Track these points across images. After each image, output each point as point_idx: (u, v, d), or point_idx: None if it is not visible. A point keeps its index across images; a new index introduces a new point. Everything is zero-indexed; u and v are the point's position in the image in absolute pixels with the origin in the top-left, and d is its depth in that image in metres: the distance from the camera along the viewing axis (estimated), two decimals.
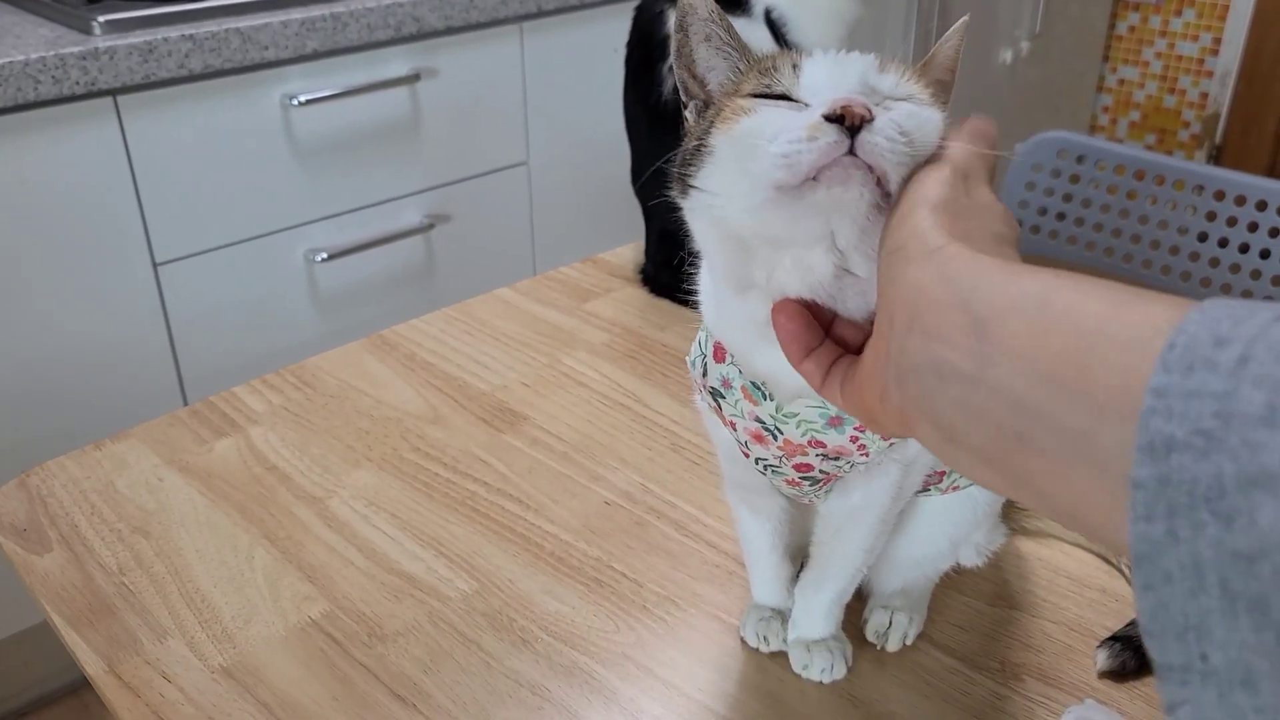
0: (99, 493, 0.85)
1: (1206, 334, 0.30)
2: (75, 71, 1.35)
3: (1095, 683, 0.67)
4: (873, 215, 0.44)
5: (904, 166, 0.44)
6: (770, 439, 0.58)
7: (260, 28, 1.49)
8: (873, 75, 0.47)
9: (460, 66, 1.75)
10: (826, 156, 0.43)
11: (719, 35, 0.51)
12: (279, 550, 0.79)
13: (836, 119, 0.43)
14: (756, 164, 0.45)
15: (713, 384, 0.59)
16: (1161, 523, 0.29)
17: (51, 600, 0.74)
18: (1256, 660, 0.28)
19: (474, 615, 0.73)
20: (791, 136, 0.43)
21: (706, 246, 0.53)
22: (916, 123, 0.45)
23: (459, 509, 0.83)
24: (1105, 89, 3.28)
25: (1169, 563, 0.29)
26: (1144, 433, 0.30)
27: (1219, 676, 0.28)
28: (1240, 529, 0.27)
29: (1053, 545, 0.79)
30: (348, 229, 1.71)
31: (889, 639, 0.70)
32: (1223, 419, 0.28)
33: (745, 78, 0.50)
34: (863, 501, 0.62)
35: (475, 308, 1.14)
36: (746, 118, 0.47)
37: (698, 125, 0.51)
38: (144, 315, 1.53)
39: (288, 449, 0.91)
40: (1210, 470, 0.28)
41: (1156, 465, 0.29)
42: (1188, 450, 0.29)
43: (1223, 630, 0.28)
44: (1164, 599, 0.29)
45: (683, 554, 0.79)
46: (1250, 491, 0.27)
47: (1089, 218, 1.51)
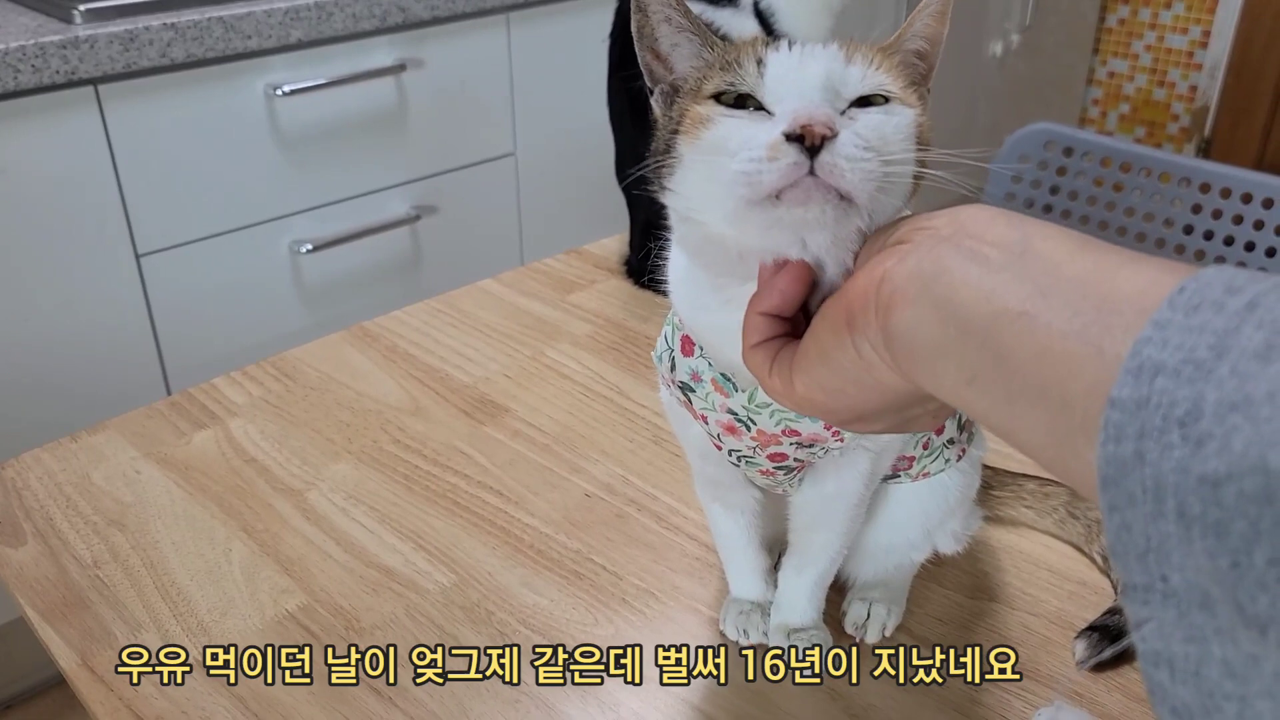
0: (74, 485, 0.84)
1: (1219, 283, 0.30)
2: (56, 60, 1.34)
3: (1074, 674, 0.67)
4: (842, 223, 0.44)
5: (870, 179, 0.43)
6: (743, 430, 0.57)
7: (243, 17, 1.48)
8: (838, 71, 0.46)
9: (446, 57, 1.74)
10: (786, 178, 0.43)
11: (677, 17, 0.50)
12: (257, 543, 0.79)
13: (797, 138, 0.43)
14: (719, 181, 0.45)
15: (681, 378, 0.59)
16: (1130, 444, 0.29)
17: (25, 594, 0.74)
18: (1210, 585, 0.28)
19: (452, 608, 0.73)
20: (752, 155, 0.43)
21: (687, 241, 0.53)
22: (881, 133, 0.45)
23: (439, 502, 0.83)
24: (1095, 82, 3.28)
25: (1133, 485, 0.29)
26: (1133, 357, 0.30)
27: (1179, 598, 0.29)
28: (1210, 453, 0.28)
29: (1033, 538, 0.79)
30: (333, 220, 1.70)
31: (868, 630, 0.69)
32: (1217, 351, 0.29)
33: (708, 74, 0.49)
34: (836, 490, 0.62)
35: (458, 299, 1.13)
36: (709, 130, 0.46)
37: (665, 121, 0.51)
38: (127, 307, 1.52)
39: (267, 441, 0.90)
40: (1191, 394, 0.28)
41: (1138, 387, 0.30)
42: (1174, 376, 0.29)
43: (1179, 554, 0.29)
44: (1127, 520, 0.30)
45: (663, 546, 0.78)
46: (1228, 415, 0.27)
47: (1075, 210, 1.51)
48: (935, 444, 0.66)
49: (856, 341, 0.41)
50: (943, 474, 0.67)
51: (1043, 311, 0.34)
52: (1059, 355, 0.33)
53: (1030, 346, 0.34)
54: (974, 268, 0.37)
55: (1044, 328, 0.34)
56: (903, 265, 0.39)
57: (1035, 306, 0.35)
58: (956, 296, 0.37)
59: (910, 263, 0.39)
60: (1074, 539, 0.78)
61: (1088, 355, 0.32)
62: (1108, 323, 0.32)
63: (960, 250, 0.38)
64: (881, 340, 0.40)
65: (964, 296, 0.37)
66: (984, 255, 0.37)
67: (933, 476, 0.67)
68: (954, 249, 0.38)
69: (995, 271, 0.36)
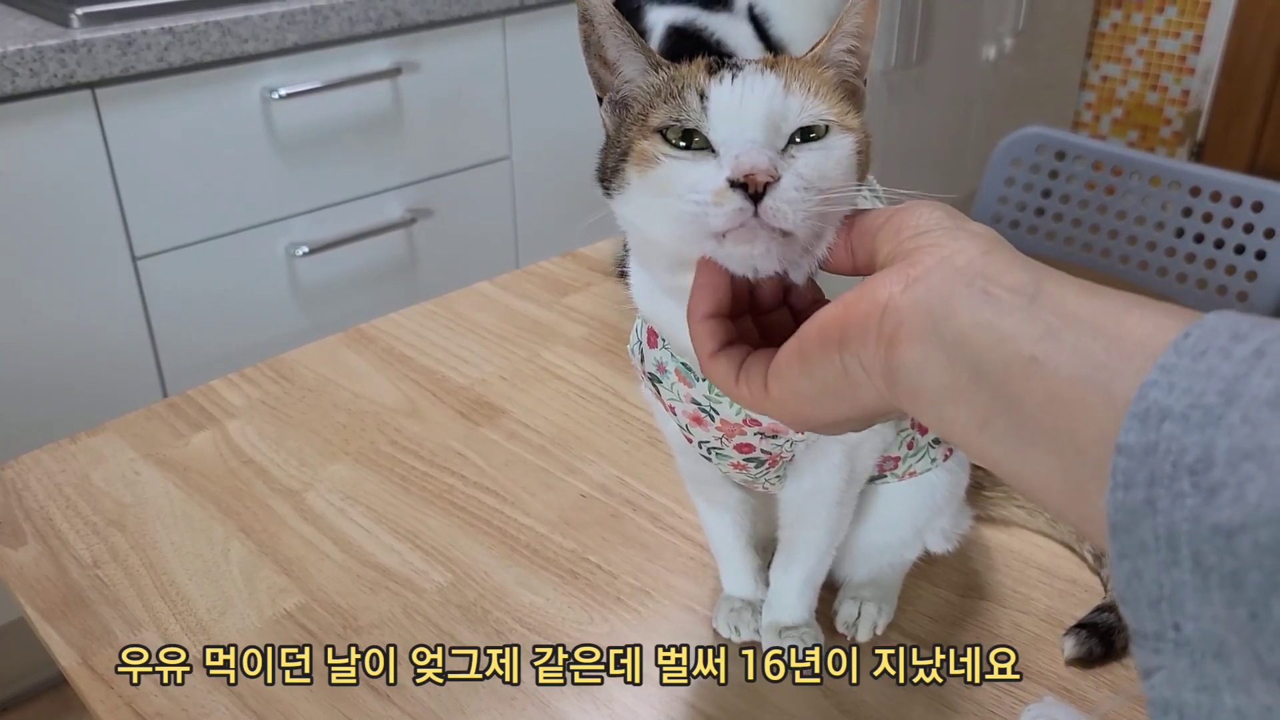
0: (74, 486, 0.85)
1: (1225, 330, 0.30)
2: (53, 64, 1.35)
3: (1064, 672, 0.68)
4: (786, 250, 0.46)
5: (810, 216, 0.45)
6: (708, 420, 0.59)
7: (240, 21, 1.49)
8: (778, 105, 0.48)
9: (442, 60, 1.75)
10: (732, 222, 0.45)
11: (620, 31, 0.52)
12: (255, 543, 0.79)
13: (740, 185, 0.45)
14: (668, 214, 0.47)
15: (649, 369, 0.60)
16: (1141, 491, 0.29)
17: (26, 593, 0.74)
18: (1228, 635, 0.28)
19: (449, 607, 0.73)
20: (699, 198, 0.45)
21: (631, 242, 0.55)
22: (821, 171, 0.47)
23: (436, 502, 0.84)
24: (1088, 85, 3.29)
25: (1144, 532, 0.29)
26: (1140, 401, 0.30)
27: (1191, 647, 0.29)
28: (1224, 503, 0.27)
29: (1023, 537, 0.80)
30: (329, 223, 1.71)
31: (859, 629, 0.70)
32: (1226, 398, 0.28)
33: (654, 103, 0.50)
34: (815, 486, 0.63)
35: (454, 301, 1.14)
36: (655, 169, 0.48)
37: (614, 140, 0.52)
38: (124, 309, 1.53)
39: (265, 442, 0.91)
40: (1201, 441, 0.28)
41: (1145, 433, 0.29)
42: (1182, 422, 0.29)
43: (1195, 603, 0.28)
44: (1138, 568, 0.29)
45: (657, 546, 0.79)
46: (1241, 464, 0.27)
47: (1068, 213, 1.52)
48: (920, 444, 0.67)
49: (846, 360, 0.41)
50: (930, 473, 0.68)
51: (1053, 355, 0.34)
52: (1069, 401, 0.33)
53: (1041, 391, 0.34)
54: (986, 310, 0.36)
55: (1053, 372, 0.34)
56: (909, 294, 0.39)
57: (1045, 350, 0.34)
58: (968, 340, 0.36)
59: (918, 293, 0.38)
60: (1064, 538, 0.79)
61: (1097, 400, 0.32)
62: (1117, 367, 0.32)
63: (972, 290, 0.37)
64: (881, 371, 0.40)
65: (975, 340, 0.36)
66: (996, 297, 0.36)
67: (920, 475, 0.68)
68: (965, 286, 0.37)
69: (1006, 314, 0.36)
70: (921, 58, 2.61)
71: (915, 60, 2.59)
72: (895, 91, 2.60)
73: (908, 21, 2.51)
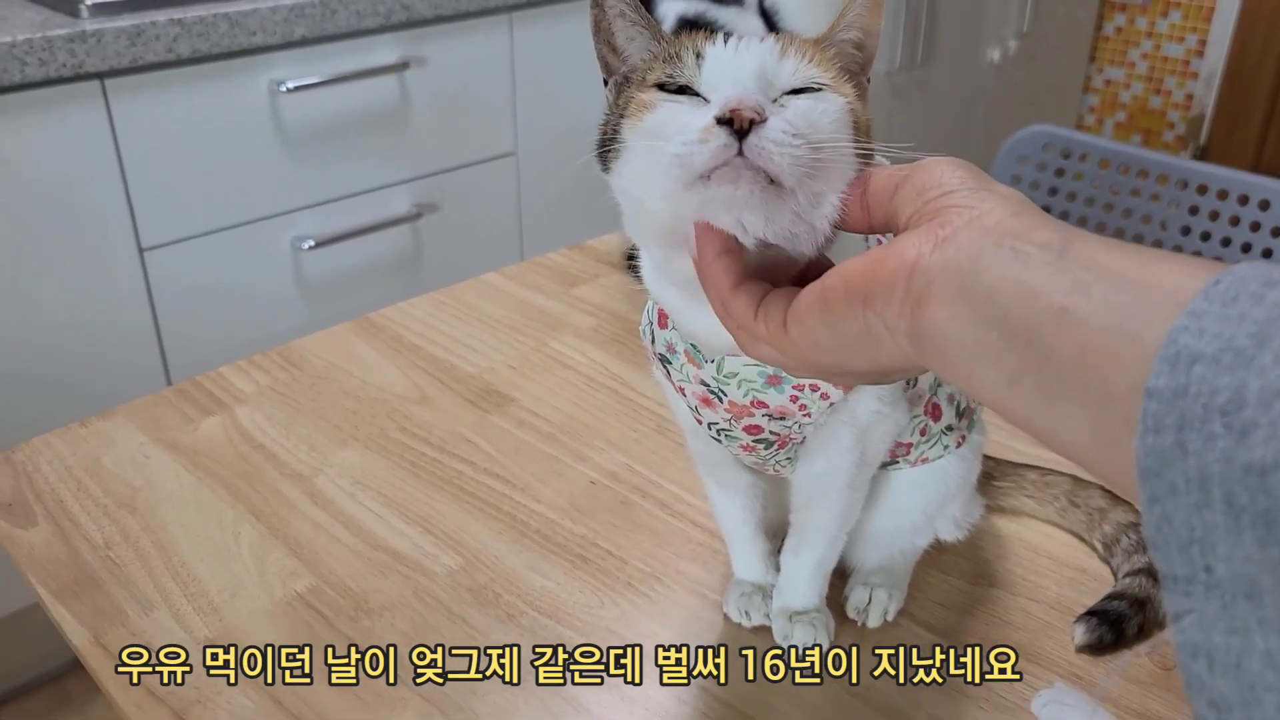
0: (85, 469, 0.85)
1: (1256, 277, 0.30)
2: (63, 54, 1.35)
3: (1074, 659, 0.68)
4: (773, 205, 0.46)
5: (798, 164, 0.45)
6: (716, 401, 0.59)
7: (249, 13, 1.49)
8: (771, 64, 0.49)
9: (449, 55, 1.75)
10: (717, 159, 0.45)
11: (630, 13, 0.53)
12: (265, 526, 0.79)
13: (726, 121, 0.45)
14: (657, 163, 0.47)
15: (659, 350, 0.61)
16: (1170, 434, 0.29)
17: (37, 573, 0.74)
18: (1260, 574, 0.28)
19: (459, 590, 0.73)
20: (686, 138, 0.46)
21: (632, 223, 0.55)
22: (810, 119, 0.47)
23: (446, 488, 0.84)
24: (1092, 89, 3.30)
25: (1175, 475, 0.29)
26: (1169, 345, 0.30)
27: (1222, 589, 0.29)
28: (1256, 442, 0.27)
29: (1033, 526, 0.80)
30: (335, 217, 1.71)
31: (869, 615, 0.70)
32: (1259, 340, 0.28)
33: (653, 65, 0.52)
34: (826, 469, 0.63)
35: (462, 292, 1.14)
36: (649, 114, 0.49)
37: (613, 108, 0.53)
38: (130, 301, 1.53)
39: (274, 428, 0.91)
40: (1233, 383, 0.28)
41: (1175, 376, 0.29)
42: (1213, 364, 0.29)
43: (1227, 544, 0.28)
44: (1169, 512, 0.29)
45: (667, 532, 0.79)
46: (1274, 403, 0.27)
47: (1074, 211, 1.52)
48: (933, 430, 0.67)
49: (869, 318, 0.41)
50: (942, 459, 0.68)
51: (1082, 306, 0.34)
52: (1099, 350, 0.33)
53: (1071, 343, 0.34)
54: (1014, 266, 0.36)
55: (1083, 323, 0.34)
56: (939, 254, 0.39)
57: (1075, 302, 0.34)
58: (998, 297, 0.36)
59: (947, 253, 0.38)
60: (1075, 527, 0.79)
61: (1127, 348, 0.32)
62: (1146, 316, 0.32)
63: (1000, 249, 0.37)
64: (906, 331, 0.40)
65: (1005, 296, 0.36)
66: (1025, 253, 0.36)
67: (932, 462, 0.68)
68: (994, 246, 0.37)
69: (1035, 269, 0.36)
70: (926, 60, 2.61)
71: (919, 62, 2.59)
72: (899, 93, 2.60)
73: (912, 23, 2.52)
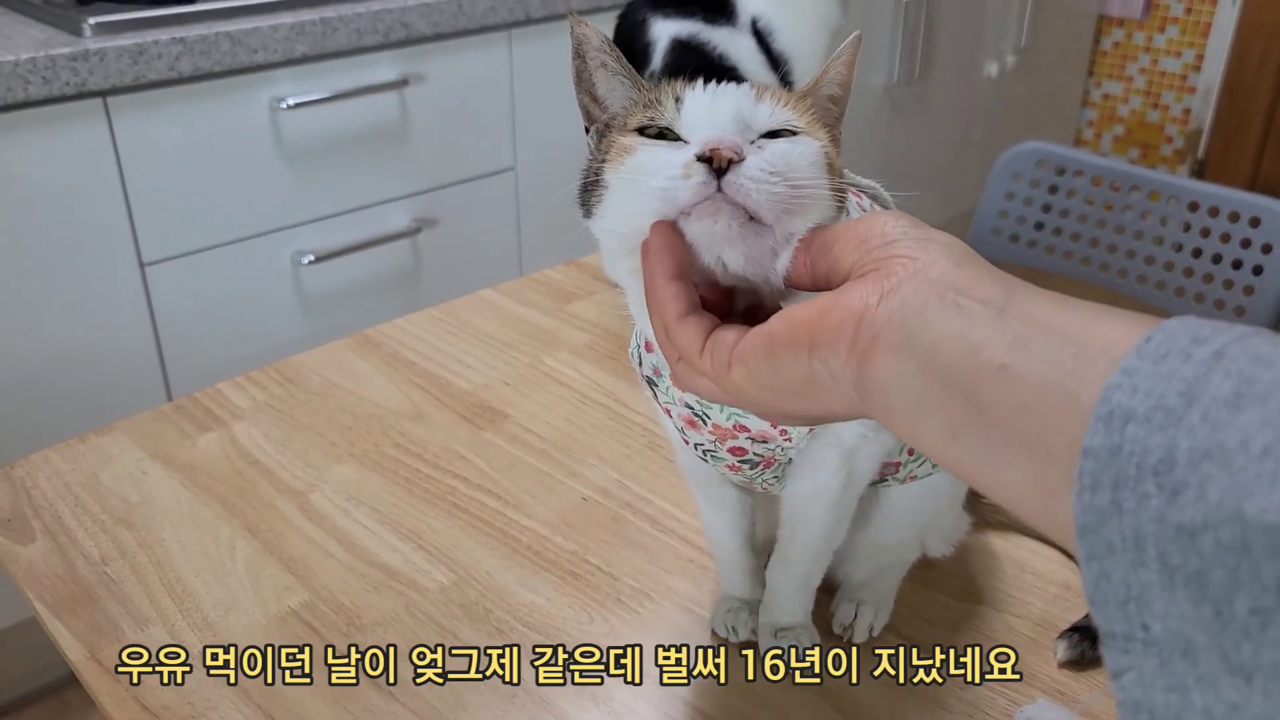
0: (83, 485, 0.86)
1: (1185, 334, 0.31)
2: (65, 73, 1.36)
3: (1057, 674, 0.69)
4: (752, 241, 0.47)
5: (779, 200, 0.46)
6: (701, 423, 0.60)
7: (250, 31, 1.51)
8: (748, 108, 0.51)
9: (448, 72, 1.76)
10: (697, 195, 0.46)
11: (612, 63, 0.55)
12: (260, 542, 0.80)
13: (706, 160, 0.46)
14: (640, 198, 0.49)
15: (646, 373, 0.62)
16: (1106, 493, 0.30)
17: (34, 588, 0.75)
18: (1195, 633, 0.28)
19: (451, 606, 0.74)
20: (669, 174, 0.47)
21: (611, 258, 0.56)
22: (788, 160, 0.48)
23: (439, 504, 0.85)
24: (1090, 103, 3.31)
25: (1111, 534, 0.30)
26: (1104, 403, 0.31)
27: (1159, 646, 0.29)
28: (1186, 502, 0.28)
29: (1019, 542, 0.81)
30: (335, 232, 1.72)
31: (855, 630, 0.71)
32: (1187, 398, 0.29)
33: (633, 111, 0.53)
34: (813, 489, 0.64)
35: (458, 308, 1.15)
36: (630, 157, 0.50)
37: (595, 154, 0.54)
38: (131, 316, 1.54)
39: (271, 444, 0.92)
40: (1163, 442, 0.29)
41: (1110, 435, 0.30)
42: (1145, 423, 0.29)
43: (1162, 603, 0.29)
44: (1106, 569, 0.30)
45: (656, 548, 0.80)
46: (1201, 464, 0.28)
47: (1067, 227, 1.53)
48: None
49: (814, 365, 0.41)
50: (932, 476, 0.69)
51: (1022, 363, 0.34)
52: (1038, 407, 0.33)
53: (1011, 399, 0.34)
54: (958, 320, 0.37)
55: (1022, 379, 0.34)
56: (884, 306, 0.39)
57: (1015, 358, 0.35)
58: (940, 351, 0.37)
59: (893, 305, 0.39)
60: (1060, 543, 0.80)
61: (1065, 405, 0.33)
62: (1084, 372, 0.33)
63: (944, 302, 0.38)
64: (853, 381, 0.40)
65: (947, 351, 0.37)
66: (967, 308, 0.37)
67: (921, 479, 0.69)
68: (938, 299, 0.38)
69: (977, 324, 0.37)
70: (924, 74, 2.63)
71: (917, 76, 2.61)
72: (897, 107, 2.62)
73: (910, 38, 2.53)
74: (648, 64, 1.12)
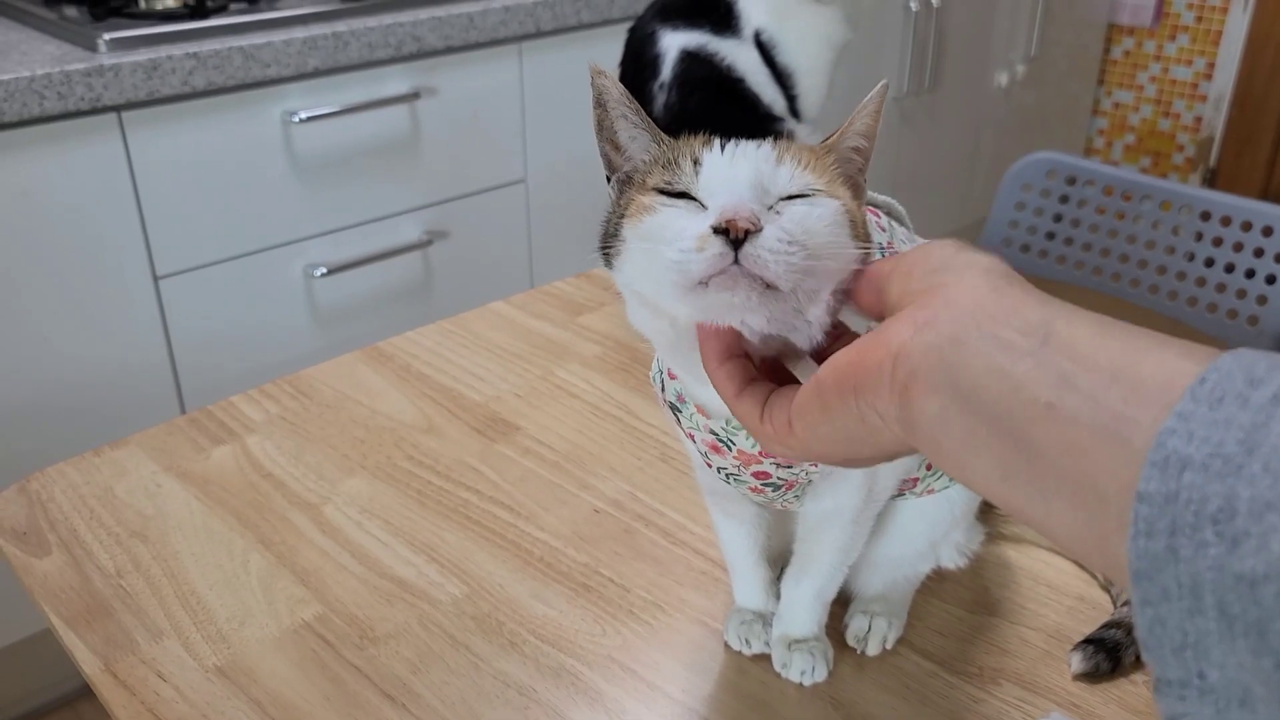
0: (98, 498, 0.87)
1: (1240, 374, 0.31)
2: (80, 88, 1.38)
3: (1071, 687, 0.69)
4: (773, 306, 0.47)
5: (794, 270, 0.46)
6: (725, 449, 0.60)
7: (263, 46, 1.52)
8: (767, 171, 0.50)
9: (459, 85, 1.77)
10: (713, 267, 0.46)
11: (632, 115, 0.54)
12: (274, 555, 0.81)
13: (723, 231, 0.46)
14: (656, 267, 0.48)
15: (669, 399, 0.62)
16: (1162, 539, 0.29)
17: (50, 601, 0.76)
18: (1254, 683, 0.28)
19: (464, 618, 0.75)
20: (683, 245, 0.47)
21: (636, 310, 0.56)
22: (805, 225, 0.47)
23: (451, 516, 0.85)
24: (1100, 112, 3.31)
25: (1167, 579, 0.29)
26: (1158, 449, 0.30)
27: (1216, 694, 0.29)
28: (1247, 552, 0.28)
29: (1032, 553, 0.81)
30: (347, 244, 1.73)
31: (868, 643, 0.71)
32: (1247, 447, 0.29)
33: (652, 169, 0.53)
34: (834, 506, 0.64)
35: (470, 320, 1.16)
36: (649, 217, 0.50)
37: (615, 207, 0.54)
38: (144, 328, 1.55)
39: (284, 457, 0.92)
40: (1223, 490, 0.28)
41: (1165, 481, 0.30)
42: (1202, 471, 0.29)
43: (1220, 651, 0.29)
44: (1162, 615, 0.30)
45: (669, 560, 0.80)
46: (1265, 515, 0.28)
47: (1078, 237, 1.53)
48: None
49: (862, 408, 0.41)
50: (949, 489, 0.69)
51: (1070, 403, 0.34)
52: (1089, 450, 0.33)
53: (1060, 442, 0.34)
54: (998, 355, 0.36)
55: (1071, 421, 0.33)
56: (919, 339, 0.38)
57: (1062, 398, 0.34)
58: (982, 389, 0.36)
59: (928, 337, 0.38)
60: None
61: (1117, 449, 0.32)
62: (1135, 415, 0.32)
63: (982, 334, 0.37)
64: (898, 418, 0.39)
65: (990, 388, 0.36)
66: (1007, 341, 0.36)
67: (937, 493, 0.69)
68: (976, 330, 0.37)
69: (1019, 359, 0.36)
70: (934, 84, 2.63)
71: (928, 86, 2.61)
72: (907, 117, 2.62)
73: (920, 48, 2.54)
74: (657, 75, 1.13)
